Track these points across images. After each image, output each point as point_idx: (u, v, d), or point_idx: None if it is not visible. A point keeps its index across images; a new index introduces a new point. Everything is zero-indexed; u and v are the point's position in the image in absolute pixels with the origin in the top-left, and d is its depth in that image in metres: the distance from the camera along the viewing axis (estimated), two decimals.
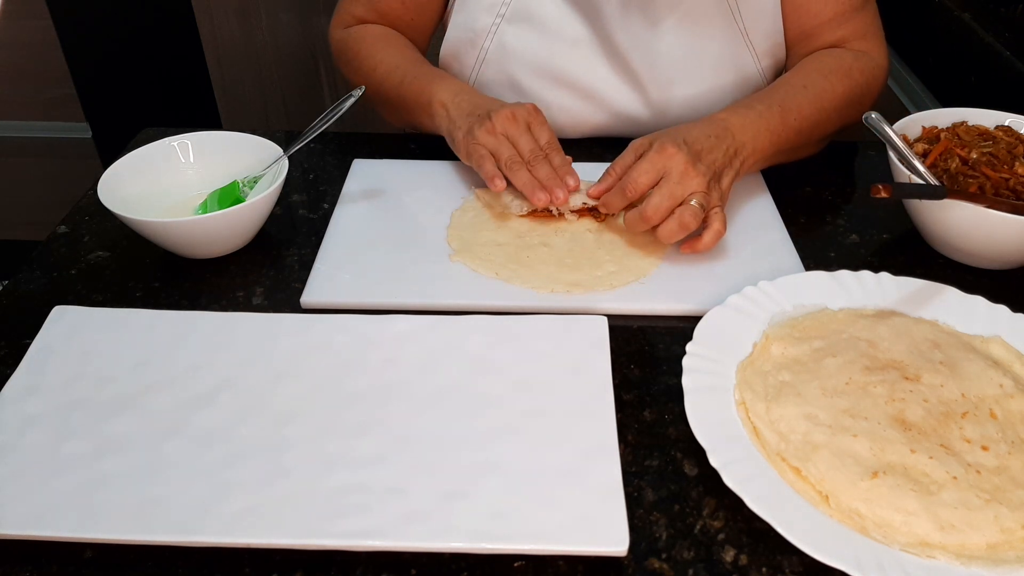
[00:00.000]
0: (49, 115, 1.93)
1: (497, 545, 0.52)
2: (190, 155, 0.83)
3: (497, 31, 0.93)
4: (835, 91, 0.86)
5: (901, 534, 0.52)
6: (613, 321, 0.68)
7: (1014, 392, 0.60)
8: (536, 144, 0.80)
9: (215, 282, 0.75)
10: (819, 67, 0.88)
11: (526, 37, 0.92)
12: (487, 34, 0.94)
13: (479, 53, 0.95)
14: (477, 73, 0.97)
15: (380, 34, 0.97)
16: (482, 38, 0.94)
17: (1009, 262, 0.75)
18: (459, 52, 0.97)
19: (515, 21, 0.92)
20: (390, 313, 0.69)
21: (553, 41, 0.92)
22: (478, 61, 0.96)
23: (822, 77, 0.87)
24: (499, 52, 0.94)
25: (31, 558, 0.53)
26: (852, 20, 0.90)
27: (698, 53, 0.91)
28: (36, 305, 0.71)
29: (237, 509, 0.54)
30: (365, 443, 0.58)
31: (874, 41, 0.91)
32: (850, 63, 0.88)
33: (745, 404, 0.60)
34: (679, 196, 0.73)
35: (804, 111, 0.83)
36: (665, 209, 0.73)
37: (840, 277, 0.71)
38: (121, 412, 0.61)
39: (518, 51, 0.93)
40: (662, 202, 0.73)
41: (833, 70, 0.87)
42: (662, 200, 0.73)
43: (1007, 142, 0.79)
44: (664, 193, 0.73)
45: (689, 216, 0.72)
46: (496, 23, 0.92)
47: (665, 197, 0.73)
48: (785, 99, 0.84)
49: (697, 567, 0.52)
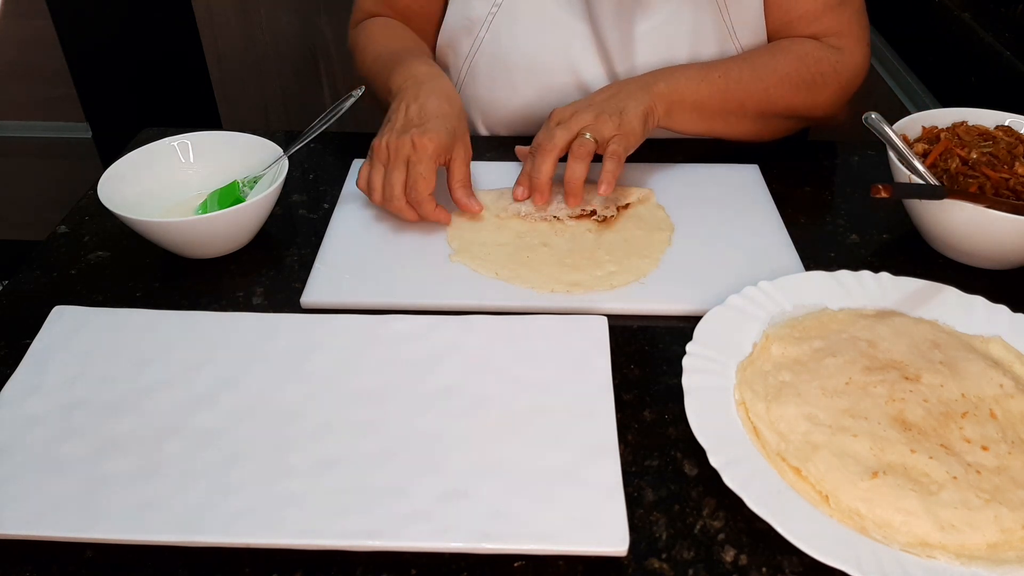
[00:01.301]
0: (49, 115, 1.93)
1: (497, 545, 0.52)
2: (190, 155, 0.83)
3: (493, 20, 0.93)
4: (778, 67, 0.87)
5: (901, 534, 0.52)
6: (613, 321, 0.68)
7: (1014, 392, 0.60)
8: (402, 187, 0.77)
9: (215, 282, 0.75)
10: (770, 46, 0.91)
11: (520, 29, 0.93)
12: (483, 23, 0.94)
13: (474, 42, 0.95)
14: (471, 62, 0.97)
15: (380, 25, 0.98)
16: (477, 27, 0.94)
17: (1009, 262, 0.75)
18: (454, 40, 0.97)
19: (510, 12, 0.92)
20: (390, 313, 0.69)
21: (547, 35, 0.92)
22: (472, 49, 0.96)
23: (768, 53, 0.89)
24: (493, 43, 0.94)
25: (31, 558, 0.53)
26: (828, 17, 0.90)
27: (686, 52, 0.92)
28: (36, 305, 0.71)
29: (237, 509, 0.54)
30: (365, 443, 0.58)
31: (851, 40, 0.91)
32: (807, 49, 0.89)
33: (745, 404, 0.60)
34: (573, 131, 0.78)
35: (734, 74, 0.86)
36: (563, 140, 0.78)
37: (840, 277, 0.71)
38: (121, 412, 0.61)
39: (512, 42, 0.93)
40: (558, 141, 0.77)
41: (783, 49, 0.89)
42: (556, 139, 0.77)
43: (1007, 142, 0.79)
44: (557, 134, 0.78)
45: (580, 148, 0.77)
46: (492, 12, 0.93)
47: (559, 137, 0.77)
48: (715, 62, 0.87)
49: (697, 567, 0.52)
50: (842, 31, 0.91)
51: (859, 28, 0.92)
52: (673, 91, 0.84)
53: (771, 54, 0.89)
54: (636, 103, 0.81)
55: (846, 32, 0.91)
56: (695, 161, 0.89)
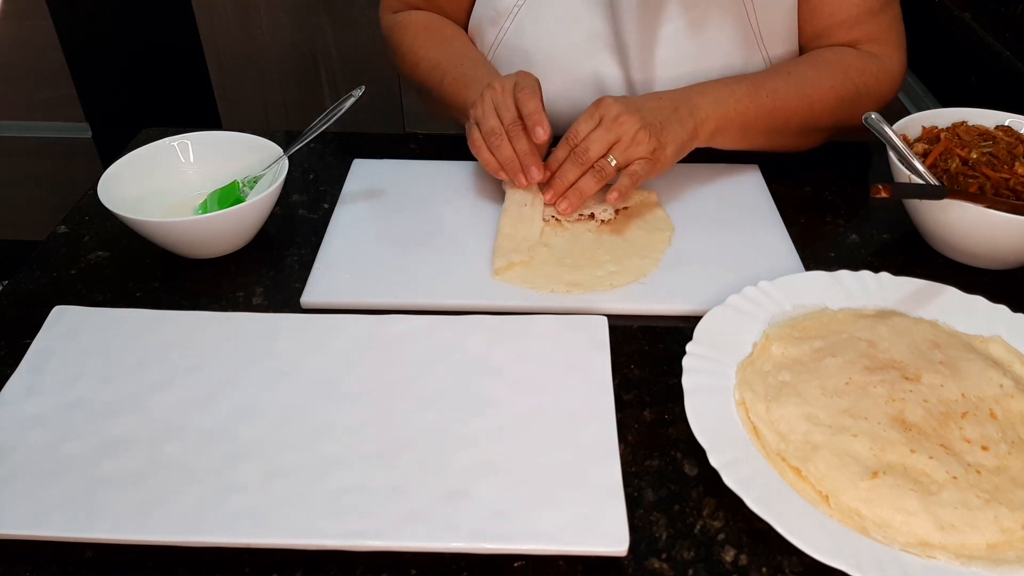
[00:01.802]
0: (49, 115, 1.93)
1: (497, 545, 0.52)
2: (190, 155, 0.83)
3: (519, 13, 0.93)
4: (823, 83, 0.85)
5: (901, 534, 0.52)
6: (613, 321, 0.68)
7: (1014, 392, 0.60)
8: (515, 116, 0.79)
9: (215, 282, 0.75)
10: (812, 59, 0.88)
11: (543, 24, 0.93)
12: (509, 15, 0.93)
13: (498, 32, 0.95)
14: (494, 53, 0.97)
15: (424, 24, 0.97)
16: (504, 18, 0.94)
17: (1009, 262, 0.75)
18: (481, 28, 0.97)
19: (535, 6, 0.92)
20: (390, 313, 0.69)
21: (569, 32, 0.92)
22: (497, 40, 0.96)
23: (811, 67, 0.86)
24: (517, 35, 0.94)
25: (31, 558, 0.53)
26: (867, 23, 0.88)
27: (708, 57, 0.91)
28: (36, 305, 0.71)
29: (237, 509, 0.54)
30: (365, 443, 0.58)
31: (889, 47, 0.89)
32: (850, 61, 0.87)
33: (745, 404, 0.60)
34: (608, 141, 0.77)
35: (781, 92, 0.83)
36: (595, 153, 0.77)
37: (840, 277, 0.71)
38: (121, 412, 0.61)
39: (534, 37, 0.93)
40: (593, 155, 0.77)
41: (828, 62, 0.87)
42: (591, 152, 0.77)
43: (1007, 142, 0.79)
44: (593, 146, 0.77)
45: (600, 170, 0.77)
46: (519, 4, 0.92)
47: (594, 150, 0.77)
48: (763, 79, 0.84)
49: (697, 567, 0.52)
50: (881, 37, 0.89)
51: (897, 35, 0.90)
52: (721, 116, 0.82)
53: (815, 67, 0.86)
54: (680, 129, 0.79)
55: (885, 39, 0.89)
56: (695, 161, 0.89)
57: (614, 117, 0.77)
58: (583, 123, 0.78)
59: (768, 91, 0.83)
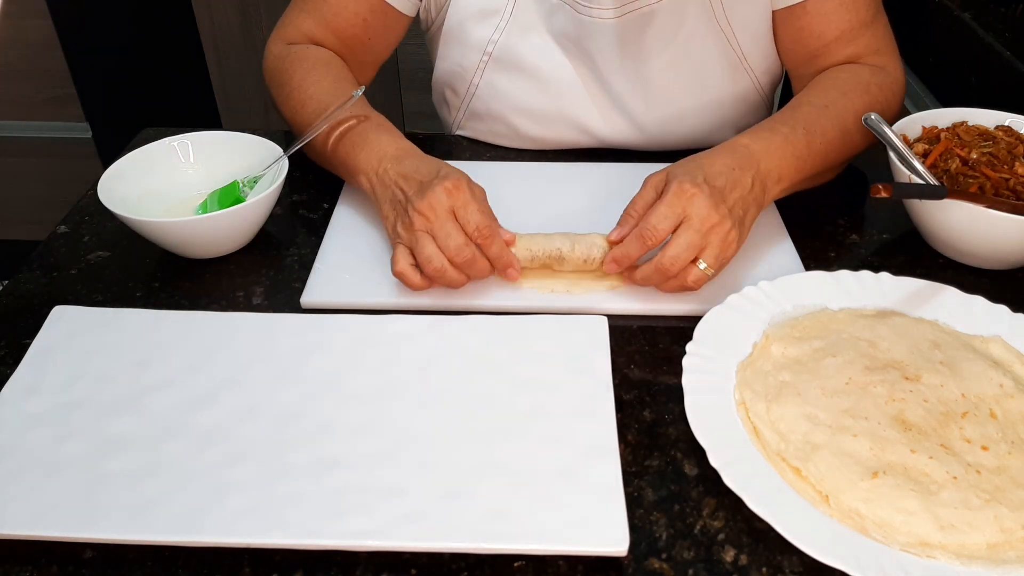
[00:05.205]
0: (49, 115, 1.93)
1: (497, 545, 0.52)
2: (190, 155, 0.83)
3: (486, 69, 0.91)
4: (856, 109, 0.81)
5: (901, 534, 0.52)
6: (613, 321, 0.68)
7: (1014, 392, 0.60)
8: (463, 236, 0.68)
9: (215, 282, 0.75)
10: (837, 84, 0.83)
11: (515, 78, 0.91)
12: (475, 71, 0.92)
13: (468, 87, 0.94)
14: (468, 105, 0.95)
15: (319, 60, 0.86)
16: (470, 74, 0.92)
17: (1009, 262, 0.75)
18: (452, 82, 0.95)
19: (502, 62, 0.90)
20: (390, 313, 0.69)
21: (544, 84, 0.90)
22: (468, 94, 0.94)
23: (841, 95, 0.82)
24: (488, 89, 0.92)
25: (31, 558, 0.53)
26: (863, 36, 0.85)
27: (696, 82, 0.90)
28: (36, 305, 0.71)
29: (237, 509, 0.54)
30: (365, 443, 0.58)
31: (889, 56, 0.87)
32: (868, 79, 0.84)
33: (745, 404, 0.60)
34: (700, 246, 0.68)
35: (829, 134, 0.79)
36: (684, 260, 0.68)
37: (840, 277, 0.71)
38: (121, 412, 0.61)
39: (507, 91, 0.91)
40: (680, 254, 0.67)
41: (852, 86, 0.83)
42: (680, 252, 0.67)
43: (1007, 142, 0.79)
44: (683, 243, 0.67)
45: (692, 281, 0.69)
46: (484, 61, 0.90)
47: (683, 248, 0.67)
48: (809, 121, 0.78)
49: (697, 567, 0.52)
50: (880, 48, 0.86)
51: (892, 43, 0.88)
52: (782, 179, 0.76)
53: (843, 94, 0.82)
54: (756, 210, 0.73)
55: (884, 48, 0.87)
56: None
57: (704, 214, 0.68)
58: (662, 220, 0.68)
59: (820, 137, 0.78)
